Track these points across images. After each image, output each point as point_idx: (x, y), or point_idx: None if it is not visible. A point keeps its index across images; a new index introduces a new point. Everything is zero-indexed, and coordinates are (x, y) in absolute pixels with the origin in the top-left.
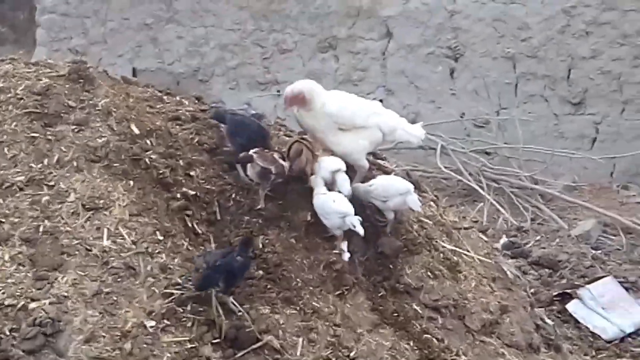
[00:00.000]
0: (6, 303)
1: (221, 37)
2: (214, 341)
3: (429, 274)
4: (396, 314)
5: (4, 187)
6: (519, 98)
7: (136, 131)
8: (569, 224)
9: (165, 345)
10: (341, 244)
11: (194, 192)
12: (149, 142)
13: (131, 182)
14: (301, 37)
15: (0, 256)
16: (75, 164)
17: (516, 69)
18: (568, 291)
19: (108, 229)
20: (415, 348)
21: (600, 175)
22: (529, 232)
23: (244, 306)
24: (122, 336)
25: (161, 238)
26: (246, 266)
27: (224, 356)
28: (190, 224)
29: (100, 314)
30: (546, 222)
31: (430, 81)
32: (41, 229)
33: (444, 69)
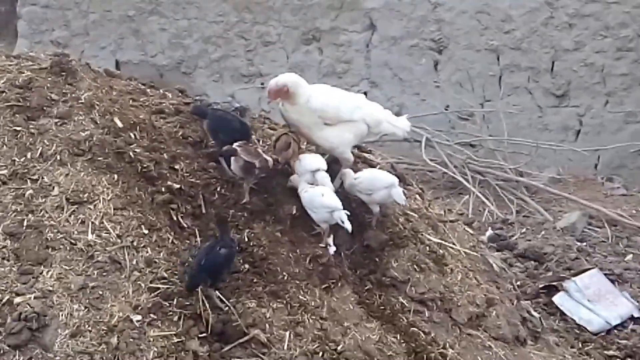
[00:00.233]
0: None
1: (204, 30)
2: (200, 335)
3: (415, 267)
4: (383, 308)
5: None
6: (503, 90)
7: (120, 124)
8: (554, 216)
9: (151, 339)
10: (327, 237)
11: (178, 186)
12: (132, 136)
13: (115, 176)
14: (284, 29)
15: None
16: (58, 158)
17: (500, 61)
18: (554, 283)
19: (93, 222)
20: (402, 341)
21: (585, 167)
22: (514, 224)
23: (230, 300)
24: (108, 330)
25: (146, 232)
26: (232, 256)
27: (211, 350)
28: (175, 218)
29: (85, 308)
30: (531, 215)
31: (414, 73)
32: (25, 223)
33: (427, 62)
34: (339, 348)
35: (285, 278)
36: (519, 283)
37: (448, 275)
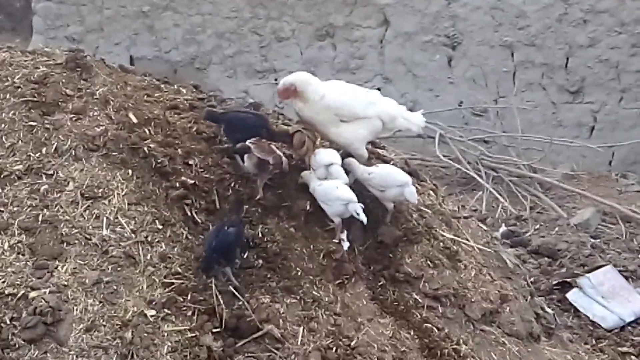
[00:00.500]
0: (6, 292)
1: (218, 25)
2: (214, 330)
3: (429, 263)
4: (396, 303)
5: (2, 176)
6: (517, 86)
7: (134, 120)
8: (568, 212)
9: (165, 334)
10: (340, 233)
11: (192, 181)
12: (147, 131)
13: (130, 171)
14: (298, 25)
15: (0, 245)
16: (73, 153)
17: (514, 57)
18: (568, 280)
19: (107, 217)
20: (416, 337)
21: (599, 163)
22: (528, 220)
23: (244, 295)
24: (123, 325)
25: (160, 227)
26: (240, 233)
27: (225, 345)
28: (189, 213)
29: (100, 303)
30: (545, 211)
31: (428, 69)
32: (40, 217)
33: (441, 57)
34: (352, 343)
35: (299, 273)
36: (532, 279)
37: (462, 271)
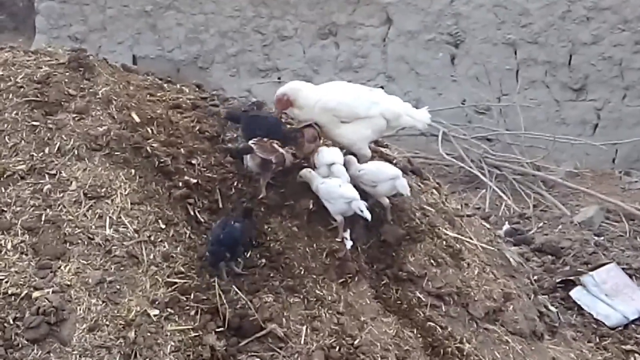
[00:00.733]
0: (9, 292)
1: (221, 24)
2: (217, 330)
3: (432, 261)
4: (399, 302)
5: (5, 175)
6: (520, 84)
7: (137, 119)
8: (571, 210)
9: (169, 333)
10: (343, 231)
11: (195, 181)
12: (149, 131)
13: (132, 171)
14: (301, 23)
15: (3, 245)
16: (76, 153)
17: (517, 55)
18: (571, 278)
19: (110, 217)
20: (419, 336)
21: (602, 161)
22: (531, 218)
23: (247, 295)
24: (126, 325)
25: (163, 226)
26: (246, 228)
27: (228, 344)
28: (192, 213)
29: (103, 302)
30: (548, 209)
31: (431, 67)
32: (43, 217)
33: (444, 56)
34: (355, 342)
35: (302, 272)
36: (536, 277)
37: (465, 269)
